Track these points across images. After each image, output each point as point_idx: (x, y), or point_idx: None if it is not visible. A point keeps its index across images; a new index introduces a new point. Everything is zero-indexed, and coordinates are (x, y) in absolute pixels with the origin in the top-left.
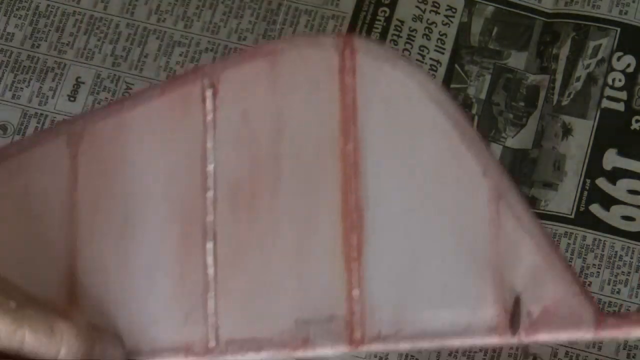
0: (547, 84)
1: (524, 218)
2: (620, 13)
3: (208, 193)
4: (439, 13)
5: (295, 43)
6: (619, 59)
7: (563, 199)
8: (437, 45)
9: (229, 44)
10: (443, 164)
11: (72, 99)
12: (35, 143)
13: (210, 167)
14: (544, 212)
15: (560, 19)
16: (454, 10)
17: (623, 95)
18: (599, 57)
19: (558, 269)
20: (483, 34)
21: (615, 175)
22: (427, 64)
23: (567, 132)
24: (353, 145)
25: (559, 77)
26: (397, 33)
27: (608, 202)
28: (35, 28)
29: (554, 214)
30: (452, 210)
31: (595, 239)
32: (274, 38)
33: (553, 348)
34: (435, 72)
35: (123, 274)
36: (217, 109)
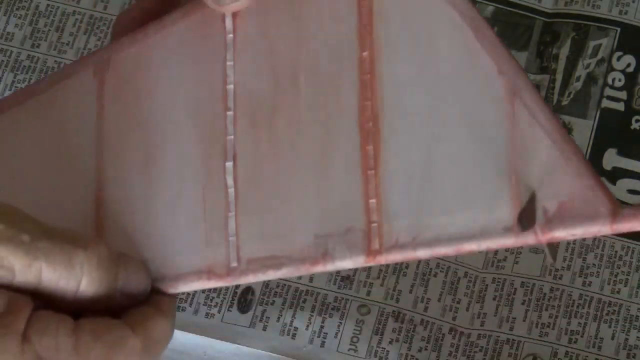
0: (547, 84)
1: (540, 115)
2: (620, 13)
3: (228, 112)
4: None
5: None
6: (619, 59)
7: None
8: None
9: None
10: (458, 64)
11: None
12: (64, 76)
13: (230, 86)
14: None
15: (560, 19)
16: None
17: (623, 95)
18: (599, 57)
19: (573, 164)
20: None
21: (615, 175)
22: None
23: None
24: (369, 53)
25: (559, 77)
26: None
27: None
28: (35, 28)
29: None
30: (467, 110)
31: (595, 239)
32: None
33: (553, 348)
34: None
35: (148, 203)
36: (237, 28)
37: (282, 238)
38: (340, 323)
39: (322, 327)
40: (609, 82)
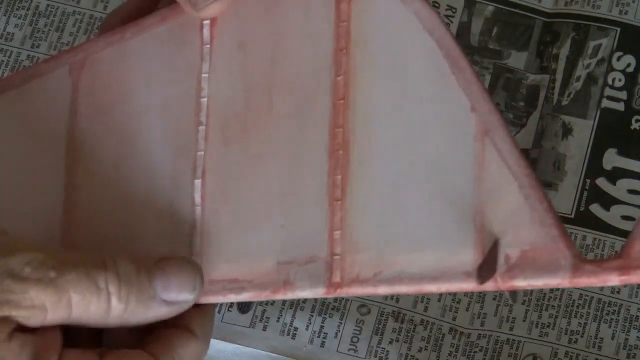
0: (547, 84)
1: (509, 157)
2: (620, 13)
3: (200, 127)
4: (439, 13)
5: None
6: (619, 59)
7: (563, 199)
8: None
9: None
10: (432, 97)
11: None
12: (38, 73)
13: (204, 99)
14: None
15: (560, 19)
16: (454, 10)
17: (623, 95)
18: (599, 57)
19: (539, 212)
20: (483, 34)
21: (615, 175)
22: None
23: (567, 132)
24: (344, 78)
25: (559, 77)
26: None
27: (608, 202)
28: (35, 28)
29: None
30: (437, 147)
31: (595, 239)
32: None
33: (553, 348)
34: None
35: (116, 208)
36: (213, 39)
37: (245, 261)
38: (340, 323)
39: (322, 327)
40: (609, 82)
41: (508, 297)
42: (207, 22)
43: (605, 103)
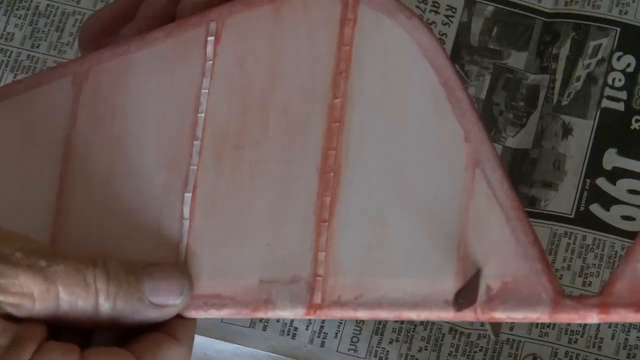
0: (547, 84)
1: (498, 188)
2: (620, 13)
3: (195, 142)
4: (439, 13)
5: None
6: (619, 59)
7: (563, 199)
8: None
9: None
10: (426, 125)
11: None
12: (42, 81)
13: (201, 115)
14: (544, 212)
15: (560, 19)
16: (454, 10)
17: (623, 95)
18: (599, 57)
19: (523, 245)
20: (483, 34)
21: (615, 175)
22: None
23: (567, 132)
24: (341, 101)
25: (559, 77)
26: None
27: (608, 202)
28: (35, 28)
29: (554, 214)
30: (427, 175)
31: (595, 239)
32: None
33: (553, 348)
34: None
35: (105, 219)
36: (216, 56)
37: (229, 278)
38: (340, 323)
39: (322, 327)
40: (609, 82)
41: (490, 331)
42: (211, 38)
43: (605, 103)
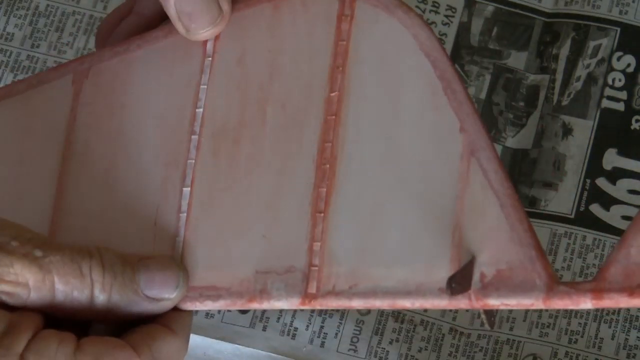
0: (547, 84)
1: (493, 177)
2: (620, 13)
3: (193, 136)
4: (439, 13)
5: None
6: (619, 59)
7: (563, 199)
8: None
9: None
10: (422, 116)
11: None
12: (43, 80)
13: (200, 110)
14: (544, 212)
15: (560, 19)
16: (454, 10)
17: (623, 95)
18: (599, 57)
19: (517, 232)
20: (483, 34)
21: (615, 175)
22: None
23: (567, 132)
24: (337, 95)
25: (559, 77)
26: None
27: (608, 202)
28: (35, 28)
29: (554, 214)
30: (423, 165)
31: (595, 239)
32: None
33: (553, 348)
34: None
35: (103, 215)
36: (216, 52)
37: (224, 269)
38: (340, 323)
39: (322, 327)
40: (609, 82)
41: (484, 321)
42: None
43: (605, 103)
